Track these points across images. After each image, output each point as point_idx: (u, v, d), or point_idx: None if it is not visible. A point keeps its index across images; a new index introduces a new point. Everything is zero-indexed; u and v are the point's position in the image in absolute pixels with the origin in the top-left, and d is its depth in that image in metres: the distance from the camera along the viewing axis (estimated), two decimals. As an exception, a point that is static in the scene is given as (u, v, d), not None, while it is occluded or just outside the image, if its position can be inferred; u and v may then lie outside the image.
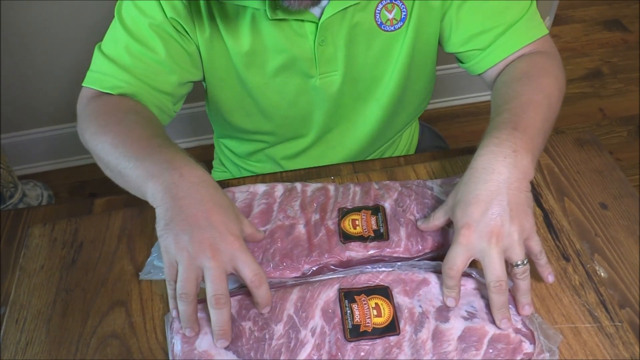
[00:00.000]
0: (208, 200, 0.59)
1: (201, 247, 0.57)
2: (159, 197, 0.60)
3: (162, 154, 0.63)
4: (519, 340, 0.60)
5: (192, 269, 0.57)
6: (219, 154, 1.09)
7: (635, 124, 2.00)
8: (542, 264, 0.63)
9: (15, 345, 0.64)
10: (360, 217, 0.71)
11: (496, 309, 0.60)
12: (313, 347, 0.59)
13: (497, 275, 0.59)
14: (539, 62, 0.76)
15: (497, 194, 0.60)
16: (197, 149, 1.95)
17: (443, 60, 1.93)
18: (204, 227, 0.58)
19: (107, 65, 0.74)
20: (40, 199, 1.77)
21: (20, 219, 0.78)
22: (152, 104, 0.75)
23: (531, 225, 0.61)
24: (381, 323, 0.60)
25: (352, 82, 0.82)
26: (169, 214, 0.59)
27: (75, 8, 1.55)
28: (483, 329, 0.60)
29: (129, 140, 0.66)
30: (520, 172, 0.61)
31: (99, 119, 0.70)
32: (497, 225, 0.59)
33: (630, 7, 2.49)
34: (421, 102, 0.95)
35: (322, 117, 0.86)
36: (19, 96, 1.73)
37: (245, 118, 0.87)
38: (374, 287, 0.63)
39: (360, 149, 0.93)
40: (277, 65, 0.78)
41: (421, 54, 0.83)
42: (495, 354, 0.58)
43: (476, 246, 0.60)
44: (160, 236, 0.59)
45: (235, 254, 0.58)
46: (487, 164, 0.61)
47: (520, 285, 0.61)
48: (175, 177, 0.60)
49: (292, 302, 0.62)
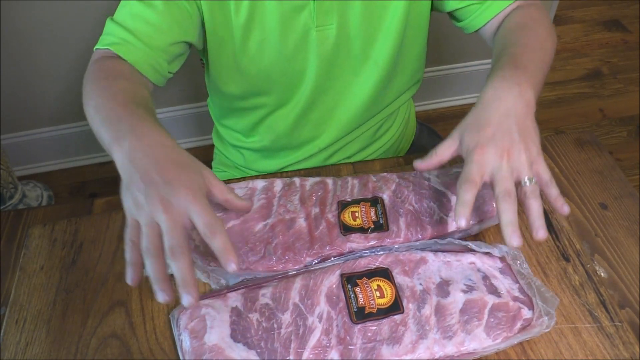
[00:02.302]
0: (163, 159, 0.60)
1: (154, 202, 0.56)
2: (119, 161, 0.61)
3: (129, 120, 0.64)
4: (517, 307, 0.62)
5: (152, 224, 0.56)
6: (219, 148, 1.10)
7: (635, 124, 2.00)
8: (553, 195, 0.63)
9: (15, 345, 0.64)
10: (360, 209, 0.72)
11: (505, 222, 0.58)
12: (322, 332, 0.60)
13: (506, 185, 0.60)
14: (532, 14, 0.82)
15: (507, 117, 0.64)
16: (197, 149, 1.96)
17: (443, 61, 1.95)
18: (156, 183, 0.57)
19: (111, 25, 0.78)
20: (40, 199, 1.77)
21: (20, 219, 0.79)
22: (145, 62, 0.77)
23: (538, 150, 0.64)
24: (385, 303, 0.62)
25: (346, 39, 0.85)
26: (127, 175, 0.59)
27: (75, 8, 1.55)
28: (483, 300, 0.63)
29: (108, 105, 0.68)
30: (525, 101, 0.65)
31: (91, 83, 0.73)
32: (508, 144, 0.62)
33: (630, 8, 2.49)
34: (416, 71, 0.97)
35: (316, 74, 0.87)
36: (19, 96, 1.73)
37: (243, 81, 0.89)
38: (374, 270, 0.65)
39: (356, 113, 0.93)
40: (276, 19, 0.81)
41: (416, 13, 0.86)
42: (497, 322, 0.61)
43: (489, 163, 0.62)
44: (122, 199, 0.60)
45: (187, 205, 0.56)
46: (494, 94, 0.66)
47: (532, 205, 0.60)
48: (134, 141, 0.61)
49: (297, 290, 0.64)
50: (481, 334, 0.60)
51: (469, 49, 1.92)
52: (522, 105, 0.65)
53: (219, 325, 0.61)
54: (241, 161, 1.05)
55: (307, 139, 0.96)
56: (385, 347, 0.59)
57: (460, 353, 0.60)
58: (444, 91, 2.05)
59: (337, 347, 0.59)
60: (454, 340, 0.60)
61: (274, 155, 1.00)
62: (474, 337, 0.60)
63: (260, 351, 0.59)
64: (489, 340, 0.60)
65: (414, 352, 0.59)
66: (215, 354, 0.59)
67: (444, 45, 1.85)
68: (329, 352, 0.59)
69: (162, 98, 1.85)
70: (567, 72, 2.18)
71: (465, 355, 0.60)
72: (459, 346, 0.60)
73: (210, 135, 1.18)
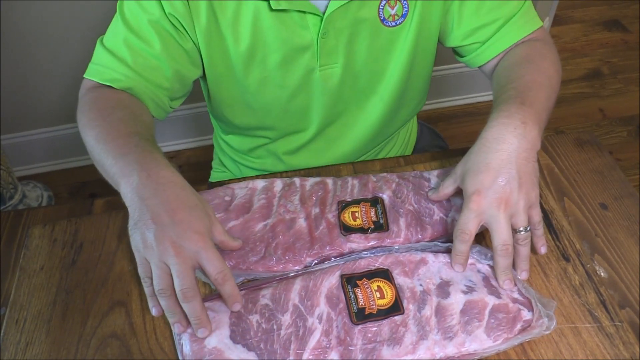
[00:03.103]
0: (173, 200, 0.60)
1: (164, 244, 0.58)
2: (128, 197, 0.62)
3: (135, 154, 0.64)
4: (517, 309, 0.63)
5: (161, 265, 0.58)
6: (218, 153, 1.09)
7: (635, 124, 2.00)
8: (538, 235, 0.66)
9: (15, 345, 0.64)
10: (360, 209, 0.72)
11: (500, 270, 0.64)
12: (322, 333, 0.60)
13: (504, 239, 0.62)
14: (537, 48, 0.80)
15: (508, 163, 0.63)
16: (197, 149, 1.95)
17: (443, 61, 1.95)
18: (166, 225, 0.59)
19: (107, 57, 0.76)
20: (40, 199, 1.77)
21: (20, 219, 0.79)
22: (148, 97, 0.76)
23: (536, 195, 0.64)
24: (385, 304, 0.62)
25: (353, 76, 0.83)
26: (137, 213, 0.60)
27: (75, 8, 1.55)
28: (483, 301, 0.63)
29: (109, 137, 0.67)
30: (529, 142, 0.64)
31: (89, 113, 0.72)
32: (507, 192, 0.63)
33: (630, 8, 2.49)
34: (421, 99, 0.97)
35: (323, 110, 0.87)
36: (19, 97, 1.73)
37: (245, 113, 0.88)
38: (374, 271, 0.65)
39: (360, 144, 0.93)
40: (278, 59, 0.79)
41: (423, 49, 0.85)
42: (497, 323, 0.61)
43: (486, 212, 0.63)
44: (130, 235, 0.61)
45: (199, 251, 0.59)
46: (498, 134, 0.65)
47: (521, 251, 0.65)
48: (143, 178, 0.61)
49: (296, 291, 0.64)
50: (482, 335, 0.60)
51: (469, 49, 1.92)
52: (525, 147, 0.64)
53: (219, 327, 0.61)
54: (238, 174, 1.05)
55: (309, 164, 0.94)
56: (386, 348, 0.59)
57: (460, 354, 0.59)
58: (444, 91, 2.04)
59: (337, 348, 0.59)
60: (455, 341, 0.60)
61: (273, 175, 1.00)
62: (475, 338, 0.60)
63: (260, 352, 0.59)
64: (489, 341, 0.60)
65: (415, 353, 0.59)
66: (215, 356, 0.59)
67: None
68: (329, 353, 0.59)
69: (162, 98, 1.84)
70: (567, 72, 2.18)
71: (465, 356, 0.60)
72: (459, 347, 0.60)
73: (210, 135, 1.17)
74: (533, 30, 0.81)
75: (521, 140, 0.64)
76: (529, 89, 0.71)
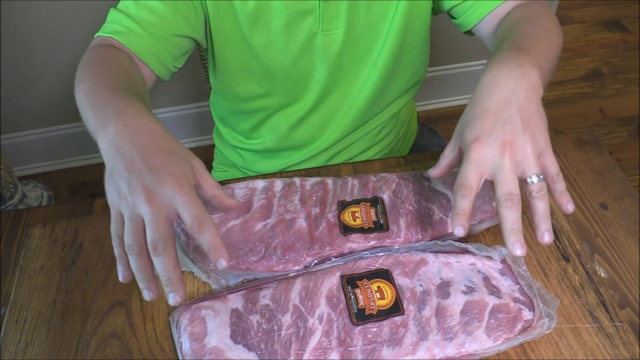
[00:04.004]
0: (149, 146, 0.56)
1: (137, 192, 0.52)
2: (104, 148, 0.57)
3: (117, 105, 0.60)
4: (518, 308, 0.62)
5: (134, 217, 0.53)
6: (219, 147, 1.10)
7: (635, 124, 2.00)
8: (559, 190, 0.57)
9: (15, 345, 0.64)
10: (360, 209, 0.72)
11: (507, 229, 0.54)
12: (322, 334, 0.60)
13: (509, 188, 0.54)
14: (535, 9, 0.76)
15: (507, 104, 0.57)
16: (197, 149, 1.95)
17: (443, 61, 1.95)
18: (140, 172, 0.53)
19: (115, 14, 0.77)
20: (40, 199, 1.77)
21: (20, 219, 0.79)
22: (149, 52, 0.76)
23: (546, 140, 0.57)
24: (385, 305, 0.62)
25: (352, 42, 0.84)
26: (111, 163, 0.56)
27: (75, 8, 1.55)
28: (483, 301, 0.63)
29: (98, 90, 0.65)
30: (528, 82, 0.58)
31: (84, 69, 0.71)
32: (509, 136, 0.55)
33: (630, 8, 2.49)
34: (417, 70, 0.96)
35: (323, 77, 0.87)
36: (19, 96, 1.73)
37: (249, 80, 0.88)
38: (374, 271, 0.65)
39: (358, 114, 0.93)
40: (282, 22, 0.80)
41: (417, 15, 0.85)
42: (497, 323, 0.61)
43: (488, 161, 0.55)
44: (105, 190, 0.56)
45: (174, 197, 0.52)
46: (493, 78, 0.59)
47: (538, 205, 0.55)
48: (120, 126, 0.57)
49: (297, 292, 0.64)
50: (482, 336, 0.60)
51: (469, 49, 1.92)
52: (524, 87, 0.57)
53: (219, 327, 0.61)
54: (241, 162, 1.05)
55: (308, 139, 0.96)
56: (386, 348, 0.59)
57: (460, 354, 0.59)
58: (444, 91, 2.05)
59: (337, 348, 0.59)
60: (455, 341, 0.60)
61: (275, 156, 1.00)
62: (475, 338, 0.60)
63: (260, 353, 0.59)
64: (489, 341, 0.60)
65: (415, 353, 0.59)
66: (215, 355, 0.58)
67: (444, 45, 1.85)
68: (329, 354, 0.59)
69: (162, 98, 1.84)
70: (567, 72, 2.18)
71: (465, 357, 0.60)
72: (459, 347, 0.59)
73: (210, 135, 1.18)
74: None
75: (519, 81, 0.57)
76: (525, 39, 0.66)
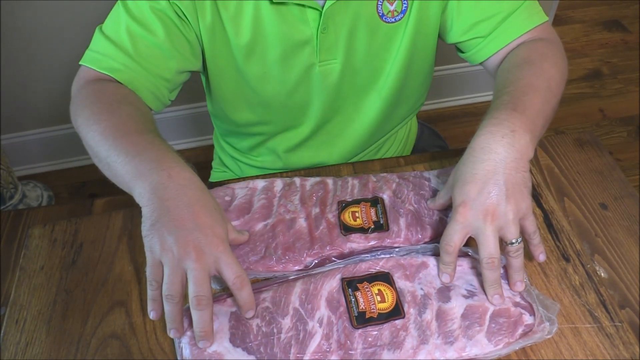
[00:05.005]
0: (195, 202, 0.59)
1: (186, 248, 0.57)
2: (146, 197, 0.60)
3: (152, 153, 0.62)
4: (518, 313, 0.62)
5: (177, 270, 0.57)
6: (218, 152, 1.10)
7: (635, 125, 2.00)
8: (534, 243, 0.65)
9: (15, 345, 0.64)
10: (360, 209, 0.72)
11: (488, 284, 0.63)
12: (322, 337, 0.60)
13: (490, 252, 0.61)
14: (539, 48, 0.78)
15: (494, 174, 0.61)
16: (197, 149, 1.95)
17: (443, 61, 1.95)
18: (189, 229, 0.58)
19: (107, 45, 0.74)
20: (40, 199, 1.77)
21: (20, 219, 0.78)
22: (147, 89, 0.75)
23: (527, 205, 0.62)
24: (386, 308, 0.62)
25: (352, 72, 0.83)
26: (156, 214, 0.58)
27: (75, 8, 1.55)
28: (484, 306, 0.63)
29: (120, 133, 0.65)
30: (517, 151, 0.62)
31: (92, 106, 0.70)
32: (493, 204, 0.61)
33: (630, 8, 2.49)
34: (420, 97, 0.96)
35: (321, 106, 0.86)
36: (19, 96, 1.73)
37: (245, 109, 0.88)
38: (375, 274, 0.65)
39: (359, 141, 0.93)
40: (278, 54, 0.79)
41: (422, 46, 0.85)
42: (498, 328, 0.61)
43: (472, 224, 0.62)
44: (145, 236, 0.59)
45: (219, 256, 0.58)
46: (485, 143, 0.63)
47: (513, 262, 0.63)
48: (164, 177, 0.59)
49: (297, 295, 0.63)
50: (482, 340, 0.60)
51: (469, 49, 1.92)
52: (513, 156, 0.62)
53: (219, 330, 0.60)
54: (238, 172, 1.05)
55: (308, 162, 0.95)
56: (386, 352, 0.59)
57: (461, 358, 0.59)
58: (444, 91, 2.04)
59: (337, 352, 0.59)
60: (455, 345, 0.59)
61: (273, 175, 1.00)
62: (476, 342, 0.60)
63: (260, 356, 0.59)
64: (490, 345, 0.60)
65: (415, 357, 0.59)
66: (215, 359, 0.58)
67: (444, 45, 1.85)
68: (329, 357, 0.59)
69: (162, 98, 1.84)
70: (567, 73, 2.18)
71: (466, 360, 0.59)
72: (460, 351, 0.59)
73: (209, 135, 1.17)
74: (537, 25, 0.79)
75: (509, 149, 0.62)
76: (524, 93, 0.68)
